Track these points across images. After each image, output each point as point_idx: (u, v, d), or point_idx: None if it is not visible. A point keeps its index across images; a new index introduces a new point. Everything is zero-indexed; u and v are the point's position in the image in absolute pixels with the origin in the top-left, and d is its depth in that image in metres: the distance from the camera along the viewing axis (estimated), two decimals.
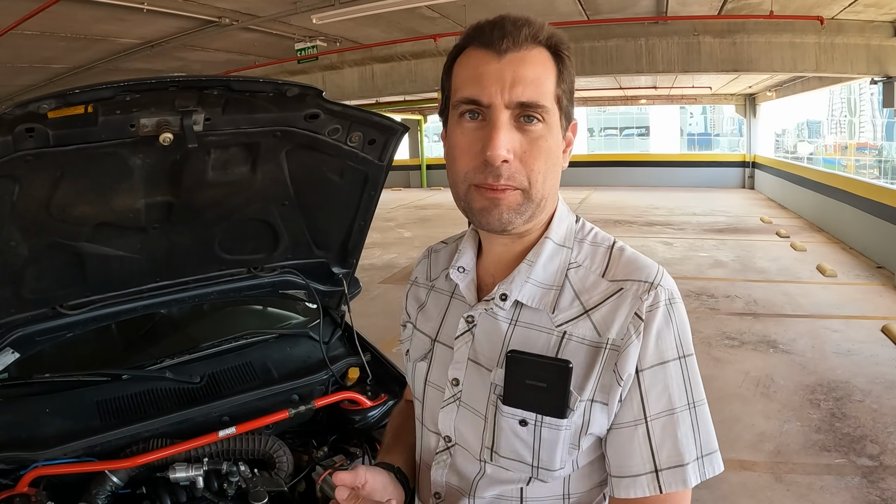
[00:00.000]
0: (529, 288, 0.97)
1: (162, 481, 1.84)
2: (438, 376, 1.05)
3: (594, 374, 0.90)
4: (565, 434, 0.91)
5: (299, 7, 7.88)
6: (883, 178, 21.60)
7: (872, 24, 9.06)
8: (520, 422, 0.93)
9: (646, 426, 0.89)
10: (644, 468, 0.89)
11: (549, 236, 0.98)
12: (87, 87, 1.38)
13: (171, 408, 1.99)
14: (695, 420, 0.90)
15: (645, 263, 0.95)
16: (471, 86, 0.91)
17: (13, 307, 1.87)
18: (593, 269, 0.97)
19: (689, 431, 0.89)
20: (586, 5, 8.80)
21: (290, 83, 1.64)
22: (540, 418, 0.92)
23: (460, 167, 0.93)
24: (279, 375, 2.21)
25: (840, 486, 3.36)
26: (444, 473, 1.04)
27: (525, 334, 0.96)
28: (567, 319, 0.94)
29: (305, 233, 2.20)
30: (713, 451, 0.91)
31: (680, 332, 0.92)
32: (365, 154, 1.97)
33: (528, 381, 0.92)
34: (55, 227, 1.72)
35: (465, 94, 0.91)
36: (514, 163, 0.89)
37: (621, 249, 0.98)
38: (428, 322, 1.11)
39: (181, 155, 1.69)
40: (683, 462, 0.89)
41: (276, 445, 1.97)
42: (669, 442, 0.89)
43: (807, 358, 5.21)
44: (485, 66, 0.90)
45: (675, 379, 0.90)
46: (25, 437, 1.82)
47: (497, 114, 0.88)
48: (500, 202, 0.90)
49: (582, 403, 0.91)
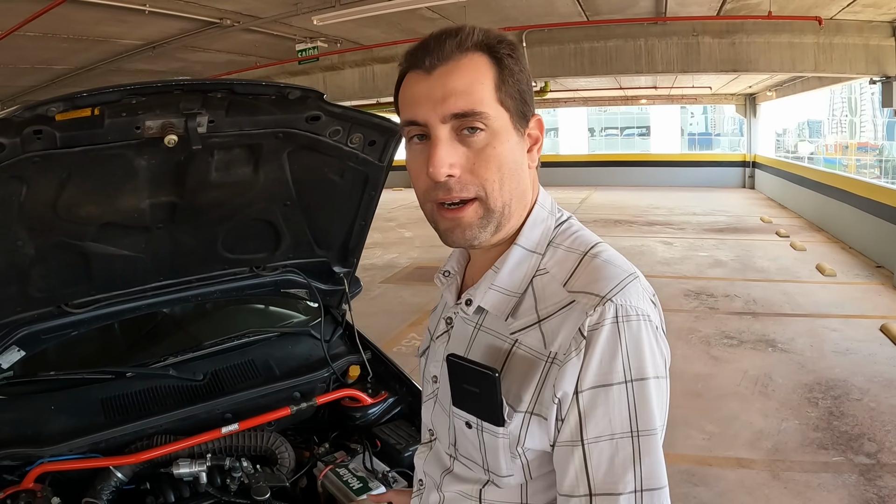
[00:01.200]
0: (492, 294, 0.95)
1: (166, 477, 1.87)
2: (429, 371, 1.09)
3: (533, 386, 0.87)
4: (503, 442, 0.89)
5: (300, 8, 7.89)
6: (884, 178, 21.58)
7: (871, 24, 9.06)
8: (466, 423, 0.94)
9: (582, 449, 0.83)
10: (578, 490, 0.83)
11: (518, 242, 0.96)
12: (94, 90, 1.40)
13: (174, 405, 2.03)
14: (637, 450, 0.82)
15: (608, 274, 0.88)
16: (408, 108, 0.90)
17: (19, 306, 1.89)
18: (559, 276, 0.92)
19: (629, 461, 0.82)
20: (586, 6, 8.80)
21: (291, 86, 1.67)
22: (480, 423, 0.91)
23: (419, 188, 0.93)
24: (281, 373, 2.24)
25: (837, 483, 3.38)
26: (424, 463, 1.09)
27: (485, 339, 0.96)
28: (520, 328, 0.91)
29: (307, 232, 2.23)
30: (657, 488, 0.83)
31: (630, 353, 0.83)
32: (365, 155, 2.00)
33: (464, 386, 0.92)
34: (61, 227, 1.75)
35: (405, 117, 0.91)
36: (463, 175, 0.88)
37: (594, 256, 0.92)
38: (433, 318, 1.14)
39: (185, 156, 1.72)
40: (617, 492, 0.82)
41: (278, 442, 2.00)
42: (605, 467, 0.83)
43: (805, 357, 5.23)
44: (416, 87, 0.89)
45: (617, 404, 0.82)
46: (31, 433, 1.85)
47: (435, 131, 0.87)
48: (461, 221, 0.90)
49: (519, 415, 0.88)
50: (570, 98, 20.57)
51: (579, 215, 1.07)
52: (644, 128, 41.26)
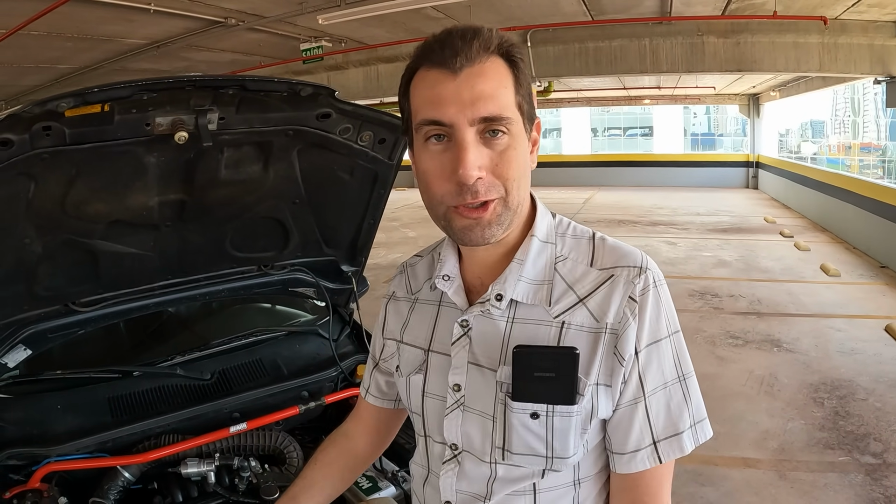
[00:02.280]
0: (522, 285, 0.98)
1: (173, 476, 1.86)
2: (437, 385, 1.05)
3: (597, 358, 0.93)
4: (576, 420, 0.93)
5: (305, 8, 7.90)
6: (887, 178, 21.54)
7: (876, 24, 9.05)
8: (531, 415, 0.93)
9: (644, 403, 0.93)
10: (643, 442, 0.93)
11: (534, 234, 0.99)
12: (104, 85, 1.39)
13: (182, 404, 2.02)
14: (686, 391, 0.95)
15: (629, 250, 0.98)
16: (430, 107, 0.89)
17: (26, 304, 1.89)
18: (580, 259, 0.99)
19: (682, 402, 0.95)
20: (590, 5, 8.79)
21: (303, 83, 1.66)
22: (551, 408, 0.93)
23: (435, 191, 0.92)
24: (289, 372, 2.23)
25: (844, 483, 3.37)
26: (453, 482, 1.03)
27: (524, 330, 0.97)
28: (563, 310, 0.95)
29: (315, 231, 2.22)
30: (703, 419, 0.96)
31: (668, 311, 0.95)
32: (375, 153, 1.99)
33: (536, 374, 0.93)
34: (69, 225, 1.74)
35: (426, 116, 0.90)
36: (487, 177, 0.89)
37: (602, 239, 1.01)
38: (417, 334, 1.10)
39: (195, 153, 1.70)
40: (679, 431, 0.94)
41: (286, 441, 1.99)
42: (664, 414, 0.94)
43: (810, 357, 5.22)
44: (441, 87, 0.88)
45: (667, 355, 0.94)
46: (38, 433, 1.84)
47: (462, 133, 0.87)
48: (481, 220, 0.91)
49: (589, 388, 0.93)
50: (573, 98, 20.58)
51: (582, 216, 1.09)
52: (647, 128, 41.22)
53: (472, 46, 0.88)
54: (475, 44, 0.88)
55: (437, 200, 0.93)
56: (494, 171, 0.89)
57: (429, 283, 1.10)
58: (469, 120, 0.87)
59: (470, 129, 0.88)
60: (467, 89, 0.87)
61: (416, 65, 0.93)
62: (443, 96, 0.88)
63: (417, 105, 0.92)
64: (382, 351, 1.22)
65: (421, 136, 0.92)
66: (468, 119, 0.87)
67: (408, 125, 0.97)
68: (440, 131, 0.89)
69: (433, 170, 0.91)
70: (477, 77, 0.88)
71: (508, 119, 0.89)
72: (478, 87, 0.87)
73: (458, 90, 0.87)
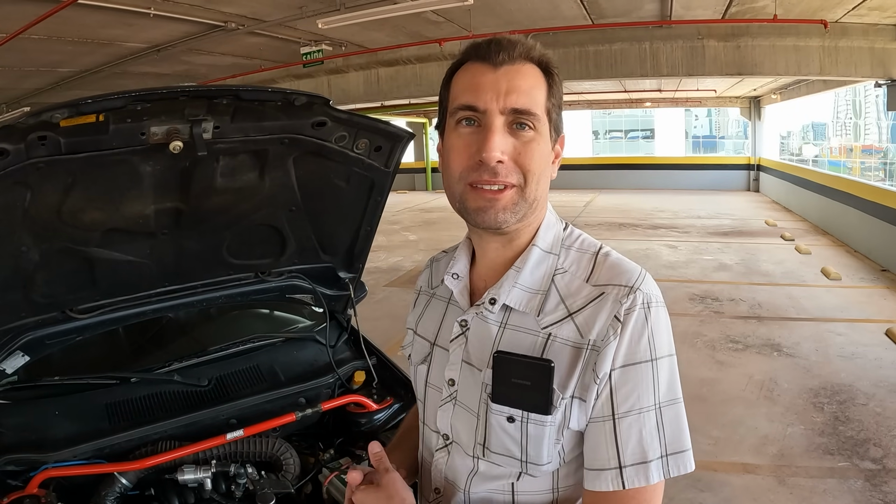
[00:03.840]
0: (517, 293, 1.01)
1: (170, 483, 1.86)
2: (437, 377, 1.11)
3: (576, 373, 0.95)
4: (550, 430, 0.96)
5: (305, 12, 7.93)
6: (888, 181, 21.53)
7: (876, 27, 9.06)
8: (507, 418, 0.98)
9: (613, 423, 0.93)
10: (609, 463, 0.93)
11: (535, 244, 1.04)
12: (99, 96, 1.40)
13: (179, 410, 2.02)
14: (660, 419, 0.93)
15: (627, 268, 0.99)
16: (468, 94, 0.97)
17: (24, 311, 1.90)
18: (578, 274, 1.01)
19: (655, 430, 0.93)
20: (591, 9, 8.81)
21: (298, 92, 1.67)
22: (526, 415, 0.97)
23: (455, 167, 0.98)
24: (286, 379, 2.23)
25: (843, 489, 3.36)
26: (442, 470, 1.10)
27: (513, 336, 1.00)
28: (552, 322, 0.98)
29: (312, 238, 2.22)
30: (681, 451, 0.94)
31: (654, 335, 0.95)
32: (371, 161, 2.00)
33: (513, 380, 0.97)
34: (66, 233, 1.75)
35: (462, 101, 0.97)
36: (508, 163, 0.95)
37: (606, 255, 1.03)
38: (428, 327, 1.17)
39: (190, 162, 1.71)
40: (647, 459, 0.92)
41: (283, 448, 1.99)
42: (634, 440, 0.93)
43: (811, 361, 5.21)
44: (481, 77, 0.97)
45: (645, 379, 0.93)
46: (35, 439, 1.84)
47: (492, 118, 0.95)
48: (497, 203, 0.96)
49: (564, 401, 0.95)
50: (574, 101, 20.60)
51: (583, 219, 1.10)
52: (648, 130, 41.30)
53: (516, 49, 0.97)
54: (519, 48, 0.97)
55: (455, 178, 0.99)
56: (517, 160, 0.96)
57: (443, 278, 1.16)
58: (500, 108, 0.95)
59: (500, 117, 0.95)
60: (504, 81, 0.95)
61: (462, 60, 1.01)
62: (481, 84, 0.96)
63: (456, 93, 1.00)
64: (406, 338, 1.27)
65: (454, 121, 0.99)
66: (500, 107, 0.95)
67: (443, 115, 1.03)
68: (472, 116, 0.97)
69: (458, 147, 0.98)
70: (515, 73, 0.96)
71: (536, 116, 0.96)
72: (514, 81, 0.96)
73: (497, 81, 0.96)
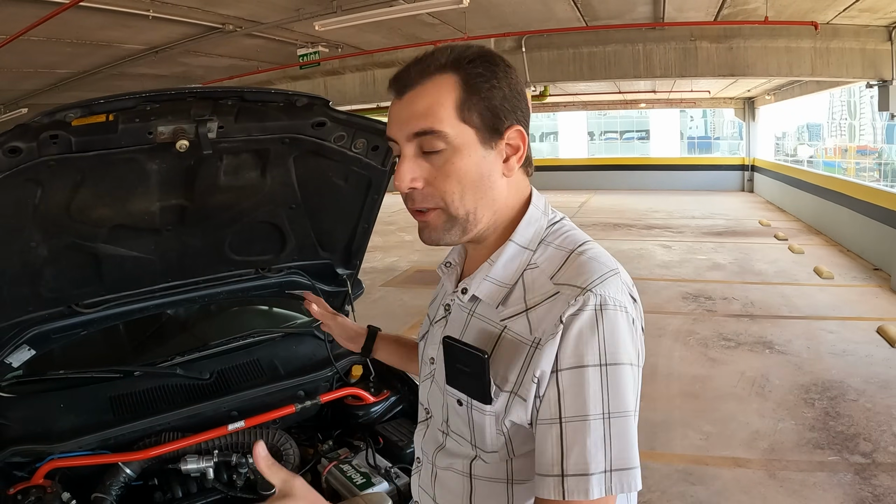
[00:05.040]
0: (486, 285, 1.04)
1: (173, 473, 1.90)
2: (427, 354, 1.16)
3: (517, 368, 0.94)
4: (490, 419, 0.97)
5: (302, 14, 7.95)
6: (882, 181, 21.61)
7: (867, 28, 9.12)
8: (457, 401, 1.03)
9: (559, 427, 0.89)
10: (552, 470, 0.89)
11: (512, 239, 1.04)
12: (110, 97, 1.46)
13: (181, 403, 2.07)
14: (608, 431, 0.88)
15: (591, 269, 0.95)
16: (387, 128, 1.01)
17: (31, 305, 1.93)
18: (546, 271, 0.99)
19: (600, 442, 0.88)
20: (584, 11, 8.85)
21: (299, 93, 1.73)
22: (470, 401, 1.00)
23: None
24: (285, 372, 2.28)
25: (833, 482, 3.42)
26: (420, 441, 1.18)
27: (475, 325, 1.04)
28: (509, 315, 0.99)
29: (311, 235, 2.27)
30: (627, 468, 0.88)
31: (607, 339, 0.90)
32: (368, 160, 2.05)
33: (458, 366, 1.01)
34: (74, 229, 1.80)
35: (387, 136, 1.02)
36: (425, 188, 0.98)
37: (580, 254, 0.99)
38: (433, 306, 1.22)
39: (195, 161, 1.77)
40: (589, 472, 0.87)
41: (282, 439, 2.03)
42: (577, 449, 0.88)
43: (802, 358, 5.27)
44: (391, 110, 1.00)
45: (591, 385, 0.89)
46: (41, 430, 1.88)
47: (402, 148, 0.98)
48: (427, 224, 1.01)
49: (504, 394, 0.95)
50: (569, 102, 20.64)
51: (578, 219, 1.13)
52: (643, 131, 41.31)
53: (412, 73, 0.97)
54: (416, 69, 0.97)
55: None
56: (433, 184, 0.98)
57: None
58: (405, 136, 0.97)
59: (408, 145, 0.98)
60: (406, 110, 0.97)
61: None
62: (391, 118, 1.00)
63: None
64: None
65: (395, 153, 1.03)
66: (405, 135, 0.97)
67: None
68: (395, 148, 1.01)
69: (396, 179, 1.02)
70: (414, 98, 0.97)
71: (441, 133, 0.95)
72: (413, 106, 0.96)
73: (400, 111, 0.98)
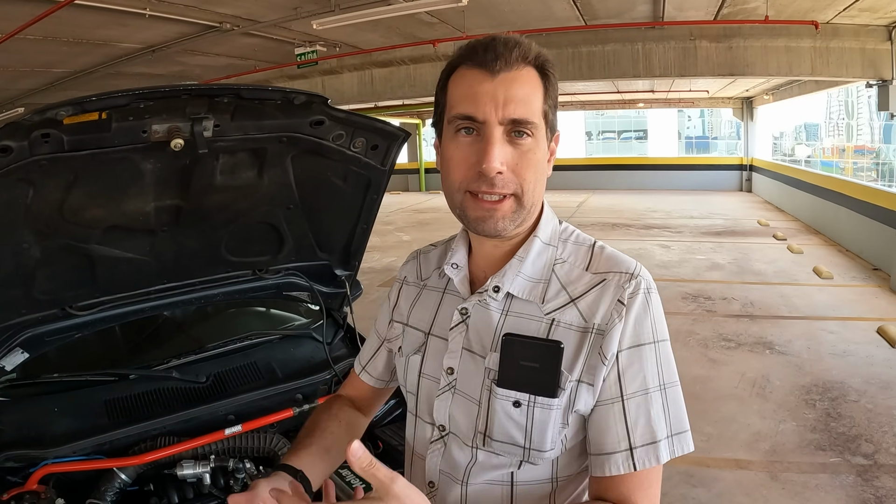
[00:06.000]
0: (520, 281, 1.03)
1: (169, 478, 1.87)
2: (433, 367, 1.11)
3: (582, 355, 0.97)
4: (556, 413, 0.97)
5: (300, 13, 7.93)
6: (880, 181, 21.65)
7: (867, 28, 9.12)
8: (514, 403, 0.99)
9: (622, 404, 0.96)
10: (620, 446, 0.95)
11: (537, 235, 1.06)
12: (103, 94, 1.42)
13: (178, 406, 2.03)
14: (666, 400, 0.97)
15: (625, 259, 1.03)
16: (466, 103, 0.97)
17: (24, 308, 1.90)
18: (577, 264, 1.04)
19: (661, 411, 0.96)
20: (584, 10, 8.85)
21: (297, 91, 1.69)
22: (533, 399, 0.98)
23: (455, 177, 0.99)
24: (283, 375, 2.25)
25: (835, 484, 3.39)
26: (437, 462, 1.09)
27: (516, 322, 1.02)
28: (555, 308, 1.01)
29: (309, 235, 2.24)
30: (684, 431, 0.97)
31: (655, 318, 0.99)
32: (368, 159, 2.02)
33: (521, 363, 0.98)
34: (67, 230, 1.76)
35: (460, 111, 0.97)
36: (507, 174, 0.96)
37: (602, 248, 1.06)
38: (420, 317, 1.16)
39: (191, 160, 1.73)
40: (656, 439, 0.95)
41: (280, 443, 2.00)
42: (643, 420, 0.95)
43: (803, 359, 5.25)
44: (479, 86, 0.96)
45: (649, 361, 0.97)
46: (35, 435, 1.85)
47: (491, 130, 0.95)
48: (496, 212, 0.98)
49: (571, 384, 0.97)
50: (567, 102, 20.63)
51: (577, 219, 1.12)
52: (641, 131, 41.38)
53: (513, 54, 0.96)
54: (515, 52, 0.96)
55: (455, 187, 1.00)
56: (514, 170, 0.96)
57: (438, 271, 1.17)
58: (500, 119, 0.95)
59: (499, 127, 0.95)
60: (502, 91, 0.95)
61: (458, 62, 1.00)
62: (479, 94, 0.95)
63: (454, 100, 0.99)
64: (388, 331, 1.27)
65: (452, 128, 0.99)
66: (499, 118, 0.95)
67: (440, 117, 1.04)
68: (471, 125, 0.97)
69: (458, 158, 0.98)
70: (512, 82, 0.95)
71: (534, 124, 0.96)
72: (512, 90, 0.95)
73: (495, 90, 0.95)
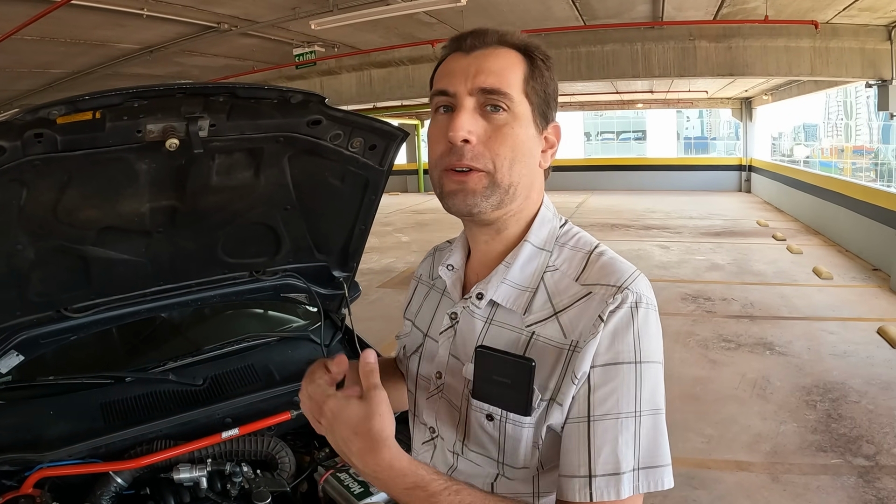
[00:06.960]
0: (505, 288, 0.99)
1: (166, 482, 1.85)
2: (426, 369, 1.09)
3: (556, 374, 0.90)
4: (528, 431, 0.92)
5: (298, 13, 7.92)
6: (879, 181, 21.67)
7: (867, 27, 9.12)
8: (486, 416, 0.96)
9: (588, 426, 0.87)
10: (579, 471, 0.86)
11: (528, 239, 1.00)
12: (96, 93, 1.39)
13: (174, 409, 2.01)
14: (639, 429, 0.86)
15: (619, 268, 0.94)
16: (441, 80, 0.98)
17: (18, 310, 1.88)
18: (569, 273, 0.97)
19: (632, 439, 0.86)
20: (583, 10, 8.84)
21: (293, 90, 1.67)
22: (505, 414, 0.93)
23: (433, 154, 0.98)
24: (281, 377, 2.23)
25: (836, 485, 3.38)
26: (430, 461, 1.08)
27: (497, 333, 0.98)
28: (537, 321, 0.95)
29: (307, 237, 2.22)
30: (657, 465, 0.87)
31: (640, 336, 0.88)
32: (366, 159, 2.00)
33: (494, 377, 0.94)
34: (61, 231, 1.74)
35: (435, 88, 0.98)
36: (477, 146, 0.93)
37: (600, 254, 0.98)
38: (423, 318, 1.15)
39: (186, 160, 1.71)
40: (620, 471, 0.85)
41: (278, 446, 1.99)
42: (608, 447, 0.86)
43: (803, 360, 5.24)
44: (454, 63, 0.97)
45: (626, 383, 0.87)
46: (30, 438, 1.83)
47: (461, 100, 0.94)
48: (465, 185, 0.94)
49: (543, 402, 0.91)
50: (566, 102, 20.64)
51: (576, 219, 1.09)
52: (640, 132, 41.42)
53: (489, 36, 0.97)
54: (491, 35, 0.97)
55: (433, 164, 0.98)
56: (486, 143, 0.93)
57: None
58: (468, 89, 0.94)
59: (469, 98, 0.94)
60: (474, 64, 0.95)
61: (444, 55, 1.01)
62: (453, 70, 0.97)
63: (435, 81, 1.00)
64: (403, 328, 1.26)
65: (433, 110, 0.99)
66: (468, 88, 0.94)
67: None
68: (447, 102, 0.96)
69: (434, 134, 0.98)
70: (485, 57, 0.96)
71: (508, 95, 0.93)
72: (484, 63, 0.95)
73: (467, 65, 0.95)
